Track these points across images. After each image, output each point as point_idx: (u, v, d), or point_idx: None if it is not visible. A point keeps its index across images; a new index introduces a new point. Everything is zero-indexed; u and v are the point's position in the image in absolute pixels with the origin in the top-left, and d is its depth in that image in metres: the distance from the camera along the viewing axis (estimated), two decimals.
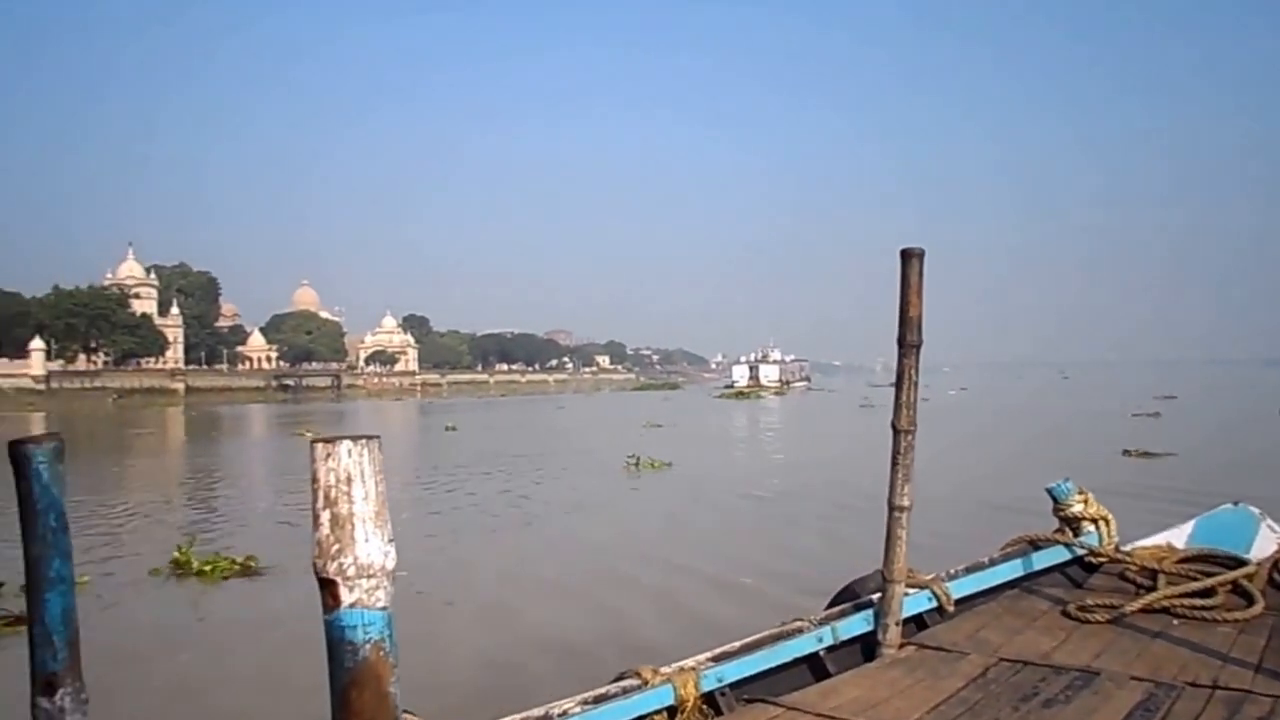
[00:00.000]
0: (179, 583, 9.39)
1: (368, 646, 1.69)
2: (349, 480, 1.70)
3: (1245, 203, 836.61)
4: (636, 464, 19.82)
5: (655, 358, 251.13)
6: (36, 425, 55.02)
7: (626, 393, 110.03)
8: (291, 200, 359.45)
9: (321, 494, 1.71)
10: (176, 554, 9.70)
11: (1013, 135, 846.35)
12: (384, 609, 1.72)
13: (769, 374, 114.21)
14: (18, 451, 1.59)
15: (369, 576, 1.69)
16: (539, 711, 2.75)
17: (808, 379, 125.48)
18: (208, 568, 9.49)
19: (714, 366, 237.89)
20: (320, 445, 1.73)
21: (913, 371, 3.66)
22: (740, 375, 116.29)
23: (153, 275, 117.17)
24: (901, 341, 3.66)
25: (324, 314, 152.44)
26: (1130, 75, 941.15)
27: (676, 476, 18.94)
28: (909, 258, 3.64)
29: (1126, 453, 20.14)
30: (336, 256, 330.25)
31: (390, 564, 1.73)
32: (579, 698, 2.88)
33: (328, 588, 1.71)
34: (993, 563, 4.35)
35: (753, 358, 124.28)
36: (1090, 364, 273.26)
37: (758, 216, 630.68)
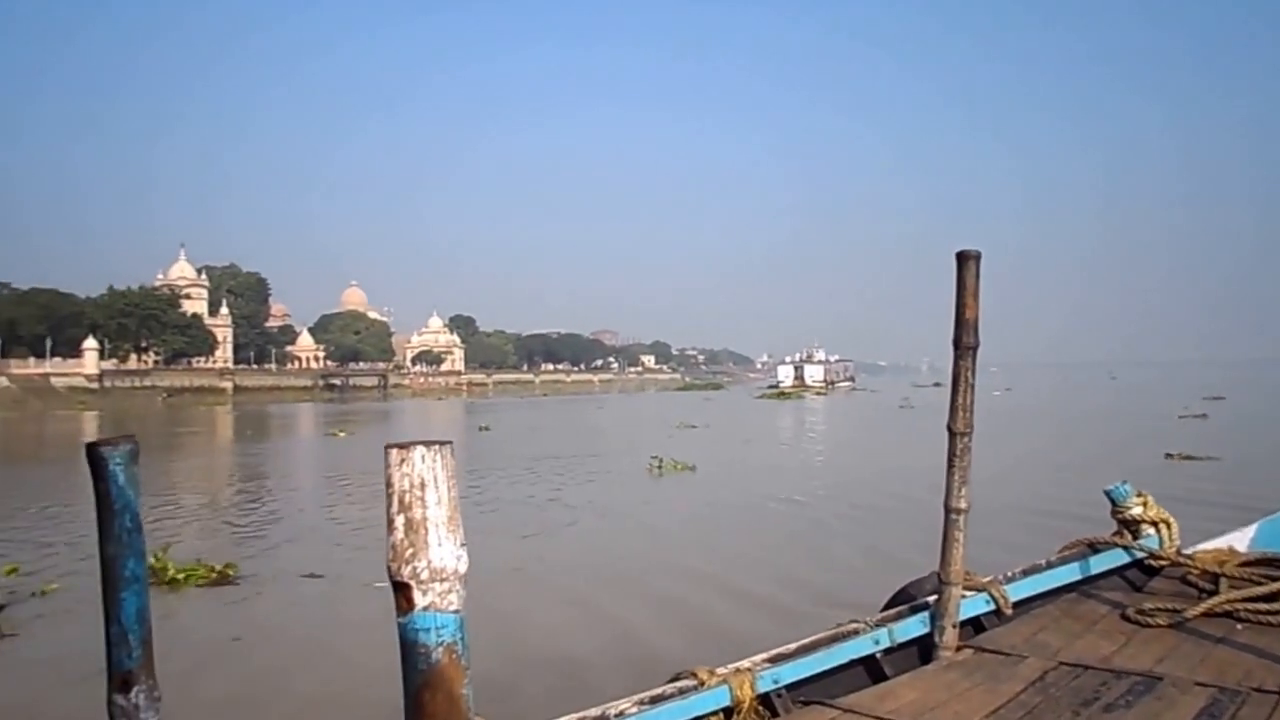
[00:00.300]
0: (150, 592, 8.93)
1: (440, 649, 1.72)
2: (423, 485, 1.73)
3: None
4: (659, 467, 19.31)
5: (701, 358, 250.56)
6: (90, 423, 56.62)
7: (670, 393, 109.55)
8: (340, 201, 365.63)
9: (396, 498, 1.73)
10: (153, 560, 9.26)
11: (1085, 139, 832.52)
12: (456, 612, 1.74)
13: (814, 374, 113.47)
14: (95, 454, 1.63)
15: (442, 580, 1.72)
16: (595, 711, 2.71)
17: (852, 379, 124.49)
18: (181, 575, 9.05)
19: (759, 366, 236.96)
20: (395, 451, 1.75)
21: (969, 374, 3.56)
22: (785, 375, 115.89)
23: (203, 276, 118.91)
24: (957, 344, 3.55)
25: (372, 314, 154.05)
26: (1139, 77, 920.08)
27: (699, 480, 18.31)
28: (965, 260, 3.52)
29: (1169, 456, 19.28)
30: (385, 257, 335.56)
31: (463, 568, 1.75)
32: (635, 698, 2.84)
33: (401, 591, 1.73)
34: (1050, 565, 4.27)
35: (797, 358, 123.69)
36: (1140, 364, 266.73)
37: (804, 217, 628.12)
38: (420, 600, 1.72)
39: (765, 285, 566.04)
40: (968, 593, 3.73)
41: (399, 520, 1.73)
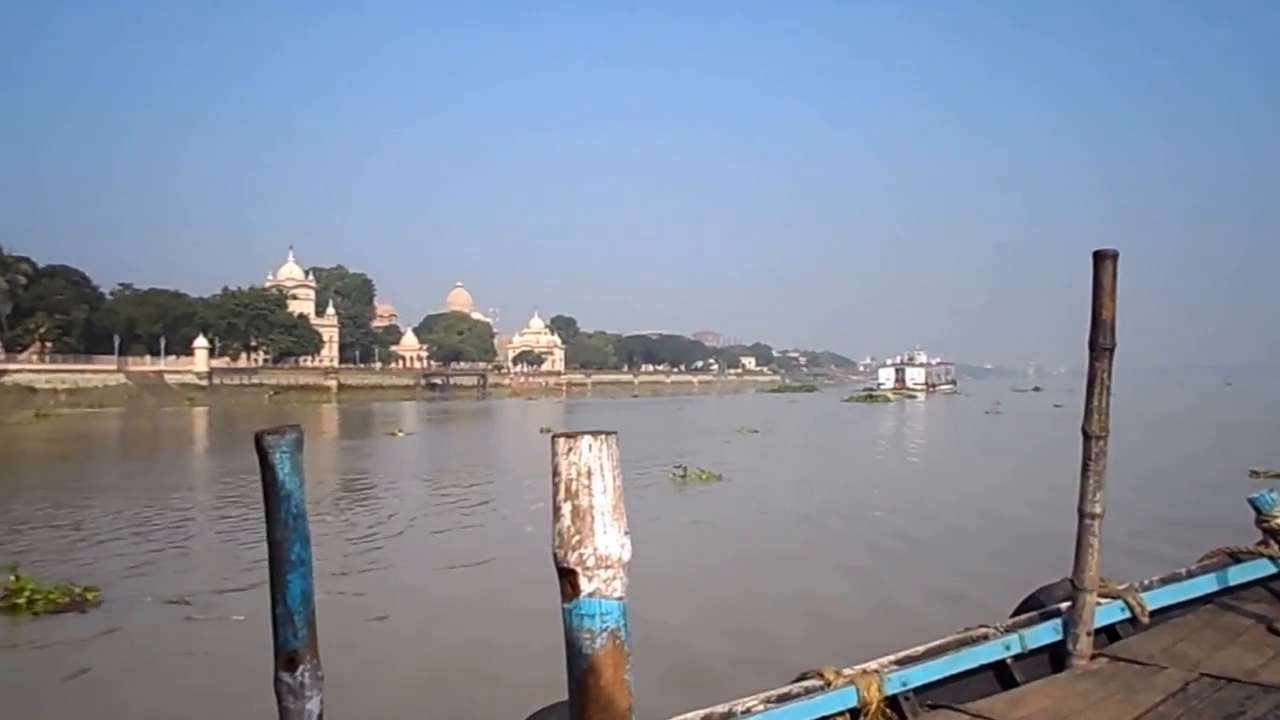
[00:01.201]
0: None
1: (604, 635, 1.75)
2: (589, 474, 1.76)
3: None
4: (684, 476, 18.35)
5: (802, 360, 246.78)
6: (200, 418, 60.07)
7: (765, 394, 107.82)
8: (449, 206, 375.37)
9: (563, 486, 1.77)
10: (11, 580, 8.82)
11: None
12: (620, 599, 1.77)
13: (915, 377, 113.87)
14: (262, 443, 1.78)
15: (607, 567, 1.75)
16: (723, 708, 2.74)
17: (954, 382, 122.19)
18: (23, 600, 8.48)
19: (861, 369, 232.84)
20: (562, 440, 1.77)
21: (1105, 376, 3.50)
22: (886, 378, 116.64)
23: (310, 277, 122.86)
24: (1093, 345, 3.48)
25: (476, 315, 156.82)
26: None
27: (721, 492, 17.20)
28: (1102, 259, 3.46)
29: (1254, 474, 16.96)
30: (492, 260, 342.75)
31: (627, 556, 1.77)
32: (762, 695, 2.85)
33: (567, 577, 1.76)
34: (1189, 574, 4.17)
35: (899, 360, 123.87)
36: (1262, 370, 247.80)
37: (913, 221, 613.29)
38: (585, 587, 1.73)
39: (871, 288, 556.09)
40: (1103, 600, 3.65)
41: (565, 507, 1.75)
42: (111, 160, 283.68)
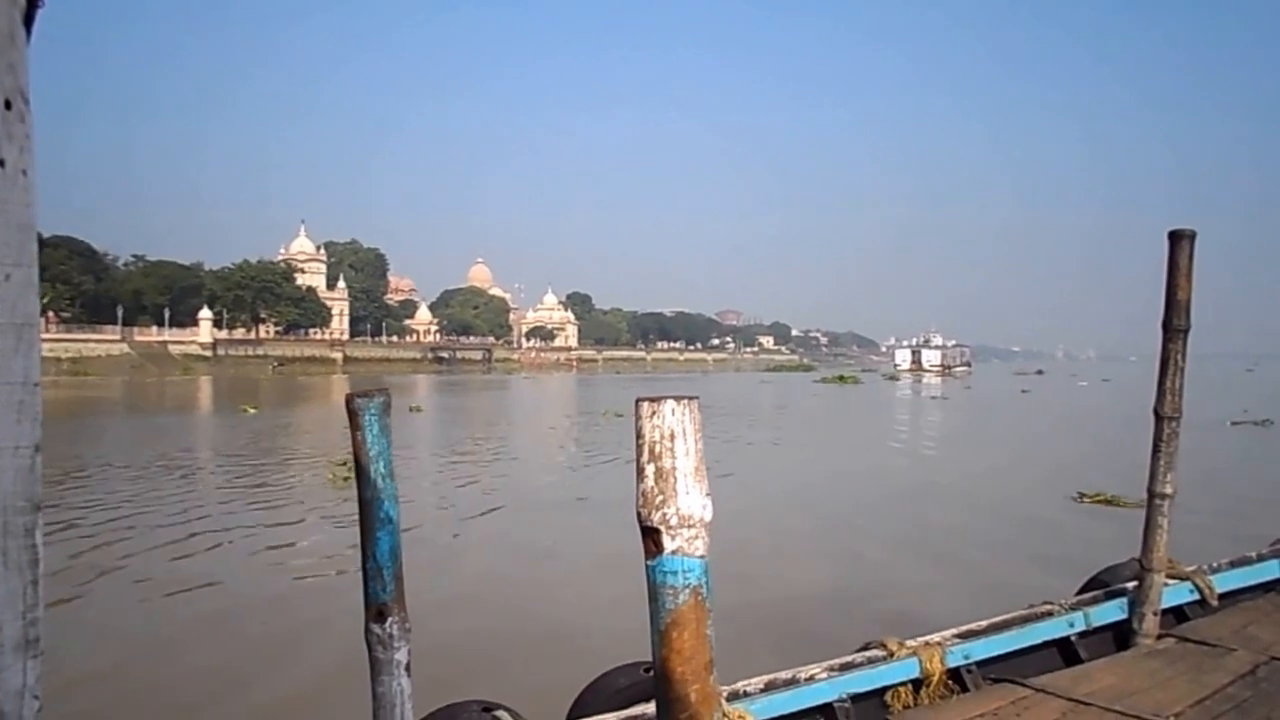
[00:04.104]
0: None
1: (687, 591, 1.79)
2: (672, 436, 1.79)
3: None
4: (346, 477, 13.46)
5: (823, 339, 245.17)
6: (204, 387, 60.50)
7: (758, 374, 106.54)
8: (474, 183, 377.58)
9: (646, 448, 1.80)
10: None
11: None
12: (702, 557, 1.81)
13: (930, 358, 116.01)
14: (353, 405, 1.86)
15: (689, 526, 1.79)
16: (787, 674, 2.80)
17: (968, 364, 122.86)
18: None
19: (884, 350, 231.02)
20: (645, 404, 1.81)
21: (1179, 357, 3.49)
22: (902, 359, 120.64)
23: (322, 251, 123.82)
24: (1167, 326, 3.50)
25: (494, 291, 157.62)
26: None
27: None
28: (1178, 239, 3.45)
29: (1080, 497, 12.34)
30: (516, 238, 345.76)
31: (708, 516, 1.81)
32: (826, 664, 2.92)
33: (650, 535, 1.79)
34: (1260, 558, 4.22)
35: (915, 342, 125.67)
36: None
37: (935, 202, 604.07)
38: (669, 545, 1.77)
39: (899, 269, 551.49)
40: (1170, 581, 3.68)
41: (649, 469, 1.78)
42: (134, 135, 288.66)
